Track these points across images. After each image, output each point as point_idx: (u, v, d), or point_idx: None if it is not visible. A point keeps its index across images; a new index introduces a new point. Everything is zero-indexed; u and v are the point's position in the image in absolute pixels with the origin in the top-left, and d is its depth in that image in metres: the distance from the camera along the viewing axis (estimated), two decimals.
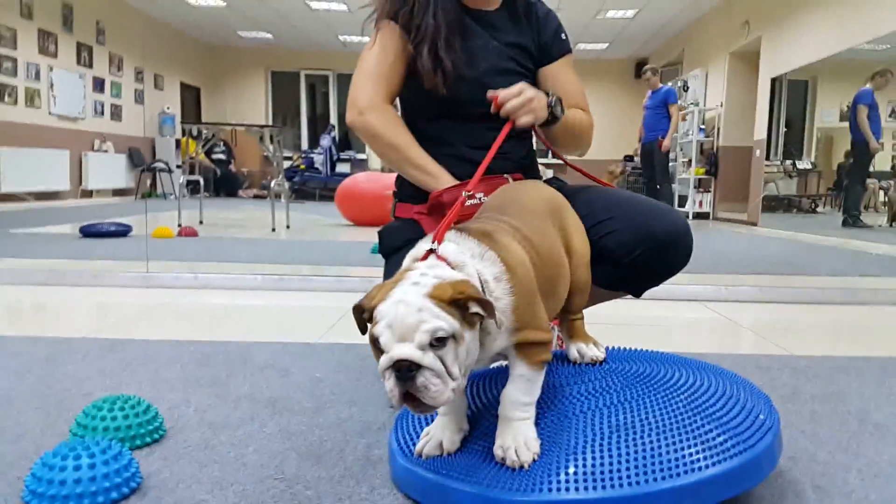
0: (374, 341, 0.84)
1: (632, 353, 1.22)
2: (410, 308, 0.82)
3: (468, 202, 1.36)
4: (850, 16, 6.72)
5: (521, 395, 0.95)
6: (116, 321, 2.21)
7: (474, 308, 0.84)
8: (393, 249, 1.50)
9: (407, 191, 1.55)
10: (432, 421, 1.05)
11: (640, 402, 0.98)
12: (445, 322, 0.82)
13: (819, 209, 9.92)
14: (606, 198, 1.44)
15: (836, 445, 1.23)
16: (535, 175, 1.60)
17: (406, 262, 0.96)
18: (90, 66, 9.92)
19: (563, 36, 1.60)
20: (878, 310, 2.74)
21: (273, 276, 2.92)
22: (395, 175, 1.61)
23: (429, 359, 0.81)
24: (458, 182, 1.41)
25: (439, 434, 1.01)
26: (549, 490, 0.86)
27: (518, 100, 1.34)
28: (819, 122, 9.88)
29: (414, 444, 1.03)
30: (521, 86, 1.36)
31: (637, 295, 1.49)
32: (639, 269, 1.39)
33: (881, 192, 8.38)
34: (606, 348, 1.24)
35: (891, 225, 7.47)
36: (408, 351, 0.81)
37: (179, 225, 5.20)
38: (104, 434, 1.15)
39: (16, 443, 1.18)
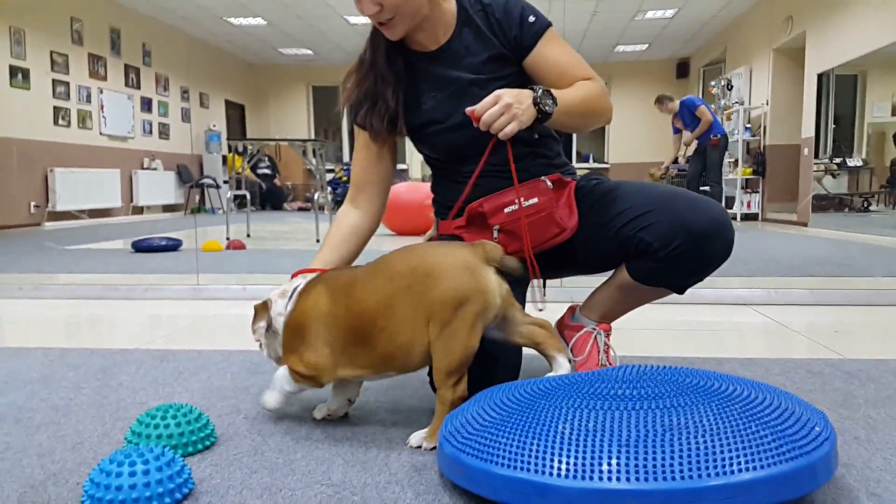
0: None
1: (682, 368, 1.18)
2: None
3: (507, 209, 1.43)
4: (830, 23, 6.53)
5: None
6: (168, 333, 2.27)
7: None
8: None
9: (445, 209, 1.60)
10: (480, 418, 1.06)
11: (693, 407, 0.96)
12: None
13: (872, 207, 9.62)
14: (647, 191, 1.44)
15: (892, 451, 1.19)
16: (571, 172, 1.61)
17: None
18: (138, 86, 10.22)
19: (532, 18, 1.50)
20: None
21: None
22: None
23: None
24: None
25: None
26: (600, 479, 0.86)
27: (495, 108, 1.27)
28: (869, 117, 9.60)
29: (461, 436, 1.04)
30: (496, 94, 1.29)
31: (680, 292, 1.47)
32: (677, 262, 1.38)
33: None
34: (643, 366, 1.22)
35: None
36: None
37: (228, 238, 5.31)
38: (157, 442, 1.19)
39: (75, 450, 1.22)
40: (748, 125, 9.79)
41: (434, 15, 1.49)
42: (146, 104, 10.42)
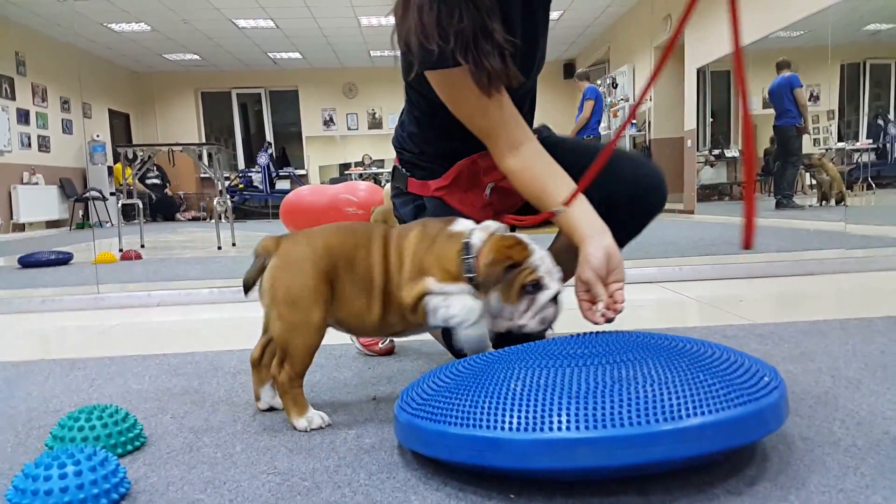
0: (524, 283, 1.14)
1: (631, 332, 1.19)
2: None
3: None
4: (764, 4, 7.00)
5: None
6: (74, 343, 2.13)
7: None
8: None
9: (419, 168, 1.51)
10: (434, 385, 1.05)
11: (643, 361, 0.97)
12: None
13: None
14: (588, 147, 1.49)
15: (815, 400, 1.27)
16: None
17: (482, 234, 1.18)
18: (13, 97, 9.57)
19: None
20: (825, 278, 2.85)
21: (230, 288, 2.85)
22: (338, 186, 1.61)
23: None
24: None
25: None
26: (551, 429, 0.86)
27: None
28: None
29: (415, 403, 1.03)
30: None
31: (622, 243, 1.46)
32: (618, 212, 1.36)
33: (808, 175, 8.73)
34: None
35: (821, 204, 7.80)
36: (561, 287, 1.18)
37: (121, 250, 5.05)
38: (83, 444, 1.10)
39: None
40: (634, 121, 10.22)
41: None
42: (23, 116, 9.77)
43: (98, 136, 11.62)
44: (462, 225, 1.20)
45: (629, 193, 1.40)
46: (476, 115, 1.32)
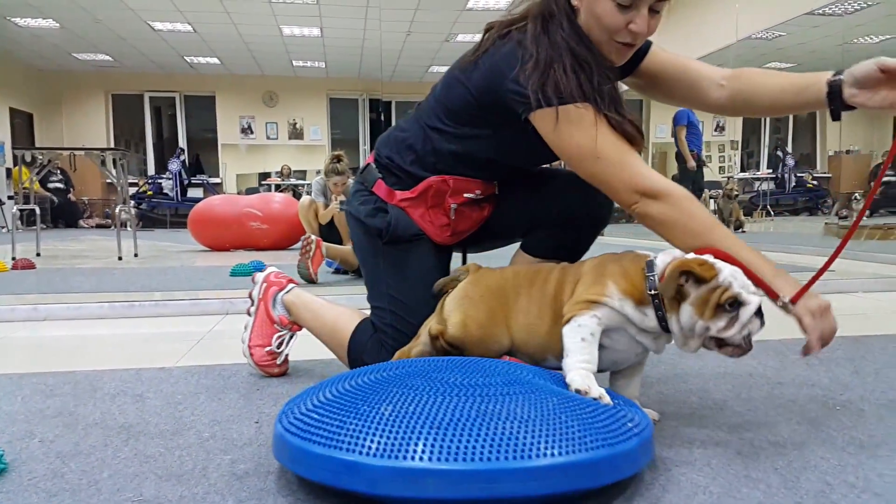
0: (721, 302, 1.11)
1: (523, 365, 1.23)
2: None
3: (467, 194, 1.51)
4: (673, 36, 7.33)
5: None
6: None
7: None
8: (399, 239, 1.53)
9: (394, 176, 1.55)
10: (316, 400, 1.06)
11: (513, 396, 1.01)
12: None
13: None
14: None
15: (680, 421, 1.33)
16: None
17: (666, 257, 1.19)
18: None
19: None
20: None
21: (122, 303, 2.75)
22: (252, 198, 1.63)
23: None
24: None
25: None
26: (405, 458, 0.89)
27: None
28: (654, 138, 10.67)
29: (293, 416, 1.03)
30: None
31: (573, 259, 1.53)
32: (571, 224, 1.54)
33: (711, 202, 9.16)
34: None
35: None
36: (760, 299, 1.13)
37: (14, 258, 4.81)
38: None
39: None
40: None
41: None
42: None
43: None
44: (644, 252, 1.26)
45: (585, 207, 1.53)
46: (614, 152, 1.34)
